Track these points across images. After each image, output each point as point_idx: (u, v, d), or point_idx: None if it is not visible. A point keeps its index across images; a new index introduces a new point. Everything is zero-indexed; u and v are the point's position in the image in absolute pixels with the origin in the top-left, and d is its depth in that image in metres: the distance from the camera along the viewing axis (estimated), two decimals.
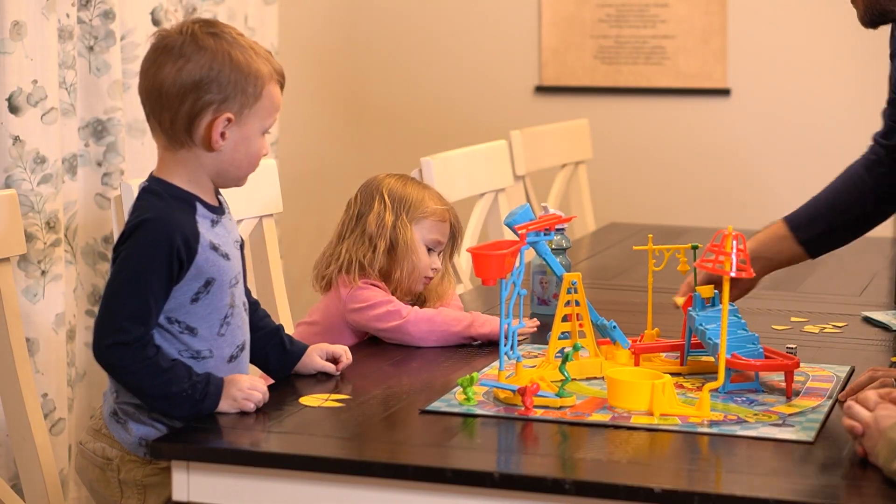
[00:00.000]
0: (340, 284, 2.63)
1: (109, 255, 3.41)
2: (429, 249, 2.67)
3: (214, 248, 2.20)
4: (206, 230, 2.20)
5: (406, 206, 2.65)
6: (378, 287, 2.62)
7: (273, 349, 2.37)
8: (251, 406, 2.14)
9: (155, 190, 2.21)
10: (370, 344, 2.60)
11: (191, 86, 2.16)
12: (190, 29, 2.19)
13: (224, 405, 2.14)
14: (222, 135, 2.18)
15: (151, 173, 2.25)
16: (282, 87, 2.25)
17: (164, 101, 2.17)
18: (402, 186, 2.68)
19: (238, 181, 2.27)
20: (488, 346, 2.57)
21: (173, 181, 2.21)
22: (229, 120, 2.17)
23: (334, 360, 2.39)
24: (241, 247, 2.32)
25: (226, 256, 2.22)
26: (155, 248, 2.13)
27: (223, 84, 2.16)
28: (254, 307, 2.37)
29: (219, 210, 2.26)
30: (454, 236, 2.73)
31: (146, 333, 2.13)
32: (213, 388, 2.15)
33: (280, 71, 2.25)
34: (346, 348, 2.41)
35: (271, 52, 2.28)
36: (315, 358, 2.37)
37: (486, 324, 2.58)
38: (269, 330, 2.38)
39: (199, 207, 2.21)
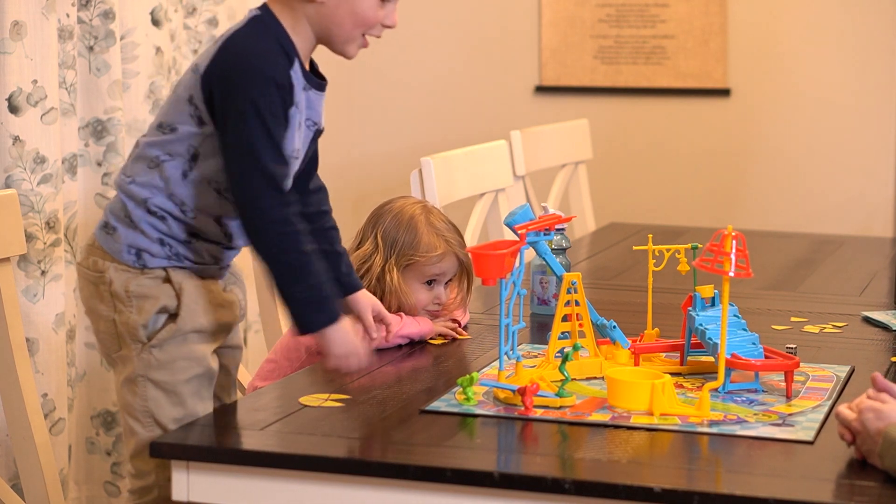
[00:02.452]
0: None
1: None
2: (431, 282, 2.64)
3: (296, 104, 2.15)
4: (297, 86, 2.15)
5: (396, 251, 2.60)
6: None
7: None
8: (347, 370, 2.15)
9: (265, 21, 2.14)
10: None
11: None
12: None
13: (327, 343, 2.13)
14: None
15: (266, 3, 2.17)
16: None
17: None
18: (397, 227, 2.61)
19: (344, 46, 2.18)
20: (447, 345, 2.58)
21: (282, 20, 2.14)
22: None
23: (381, 321, 2.39)
24: (317, 134, 2.24)
25: (298, 126, 2.17)
26: (259, 93, 2.07)
27: None
28: (326, 216, 2.35)
29: (311, 79, 2.18)
30: (465, 270, 2.66)
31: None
32: (334, 307, 2.12)
33: None
34: (396, 320, 2.43)
35: None
36: (366, 304, 2.35)
37: (410, 325, 2.57)
38: (334, 251, 2.33)
39: (296, 63, 2.14)
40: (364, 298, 2.36)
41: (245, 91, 2.08)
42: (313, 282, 2.11)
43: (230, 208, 2.18)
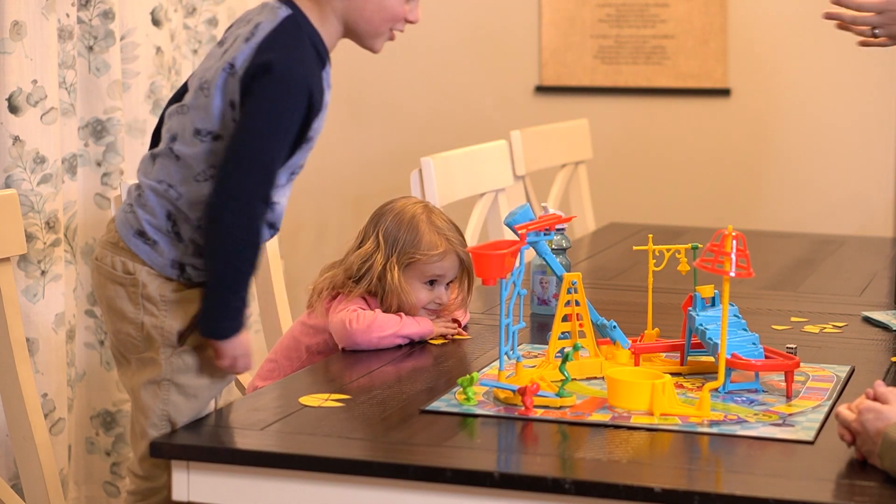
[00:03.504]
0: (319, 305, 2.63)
1: None
2: (432, 282, 2.63)
3: (324, 107, 2.14)
4: (326, 87, 2.13)
5: (397, 250, 2.59)
6: (365, 300, 2.60)
7: None
8: (235, 372, 2.16)
9: (298, 23, 2.11)
10: None
11: None
12: None
13: (228, 347, 2.11)
14: None
15: None
16: None
17: None
18: (398, 226, 2.60)
19: (371, 40, 2.16)
20: (447, 345, 2.58)
21: (310, 17, 2.12)
22: None
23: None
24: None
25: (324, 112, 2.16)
26: (292, 104, 2.06)
27: None
28: None
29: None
30: (466, 270, 2.65)
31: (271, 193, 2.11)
32: (246, 316, 2.12)
33: None
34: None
35: None
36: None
37: (410, 325, 2.56)
38: None
39: (327, 64, 2.13)
40: None
41: (276, 99, 2.06)
42: (245, 294, 2.11)
43: (276, 216, 2.19)
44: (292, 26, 2.12)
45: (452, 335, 2.63)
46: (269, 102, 2.07)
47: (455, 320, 2.67)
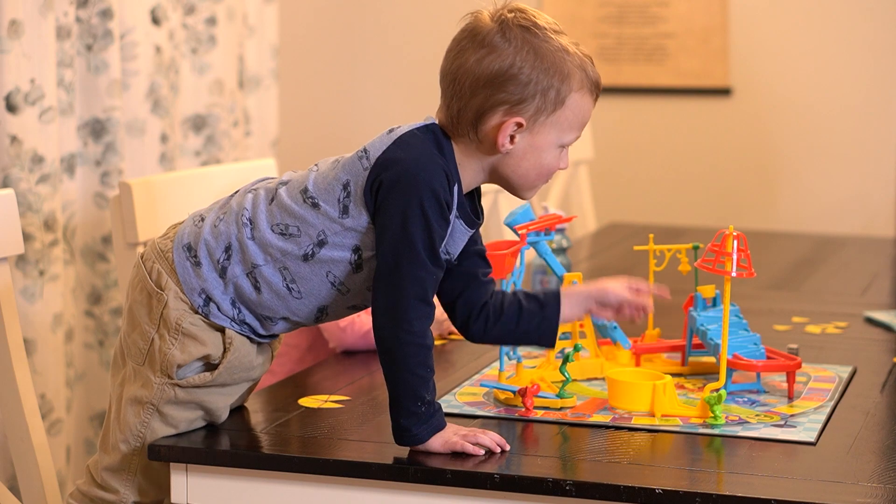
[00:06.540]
0: None
1: (108, 255, 3.40)
2: None
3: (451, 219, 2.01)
4: (453, 208, 2.00)
5: None
6: None
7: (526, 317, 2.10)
8: (474, 448, 1.95)
9: (439, 138, 2.02)
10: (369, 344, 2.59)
11: (486, 80, 1.99)
12: (501, 17, 2.05)
13: (439, 448, 1.96)
14: (511, 139, 2.00)
15: (441, 127, 2.04)
16: (595, 98, 2.04)
17: (457, 88, 2.02)
18: None
19: (520, 192, 2.07)
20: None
21: (455, 150, 2.02)
22: (519, 125, 1.99)
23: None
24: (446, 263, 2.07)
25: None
26: (429, 208, 1.95)
27: (521, 84, 1.98)
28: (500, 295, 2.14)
29: (464, 209, 2.03)
30: None
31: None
32: (441, 417, 1.99)
33: (595, 80, 2.03)
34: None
35: (591, 59, 2.06)
36: (615, 288, 2.13)
37: None
38: (524, 311, 2.11)
39: (456, 187, 2.00)
40: (607, 285, 2.15)
41: (416, 189, 1.96)
42: (431, 398, 1.99)
43: (340, 303, 2.06)
44: (431, 135, 2.04)
45: (448, 334, 2.63)
46: (407, 198, 1.96)
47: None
